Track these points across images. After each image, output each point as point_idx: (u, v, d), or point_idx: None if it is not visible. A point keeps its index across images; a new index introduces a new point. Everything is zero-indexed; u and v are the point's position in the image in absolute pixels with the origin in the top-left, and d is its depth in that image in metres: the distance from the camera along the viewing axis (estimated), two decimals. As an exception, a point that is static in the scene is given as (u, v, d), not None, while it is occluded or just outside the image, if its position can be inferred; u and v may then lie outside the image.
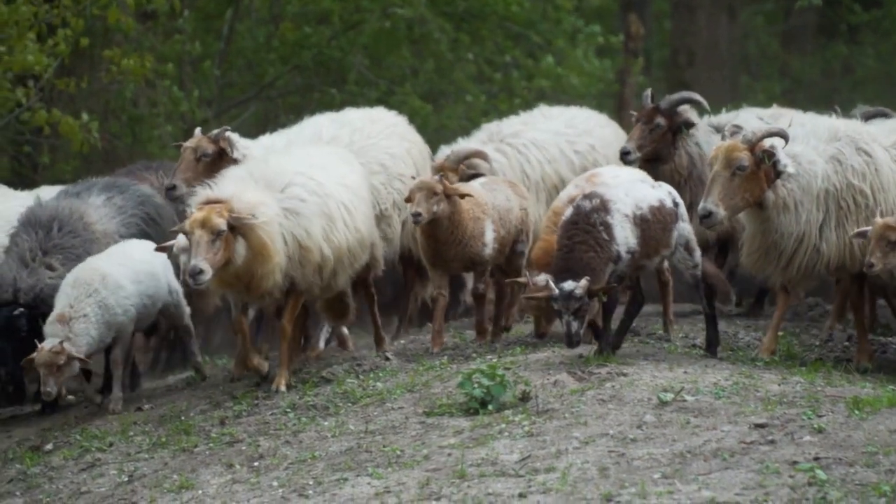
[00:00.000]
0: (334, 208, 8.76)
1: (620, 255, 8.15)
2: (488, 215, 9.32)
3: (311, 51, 18.39)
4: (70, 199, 9.84)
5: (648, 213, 8.28)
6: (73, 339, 8.61)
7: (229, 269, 8.27)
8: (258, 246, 8.28)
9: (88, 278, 8.81)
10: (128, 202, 10.03)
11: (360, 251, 9.08)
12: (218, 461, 7.63)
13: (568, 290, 7.86)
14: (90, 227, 9.63)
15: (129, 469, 7.81)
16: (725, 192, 8.31)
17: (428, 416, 7.72)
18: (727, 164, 8.35)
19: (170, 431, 8.40)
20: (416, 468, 6.92)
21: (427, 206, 8.97)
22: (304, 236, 8.54)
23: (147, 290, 9.16)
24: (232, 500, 6.96)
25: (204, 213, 8.17)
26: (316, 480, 6.98)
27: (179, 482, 7.35)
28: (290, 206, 8.55)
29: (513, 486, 6.52)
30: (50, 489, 7.80)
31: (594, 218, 8.10)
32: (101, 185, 10.15)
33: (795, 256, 8.56)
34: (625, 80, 22.06)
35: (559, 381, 7.81)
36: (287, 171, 8.72)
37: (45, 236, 9.40)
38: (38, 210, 9.63)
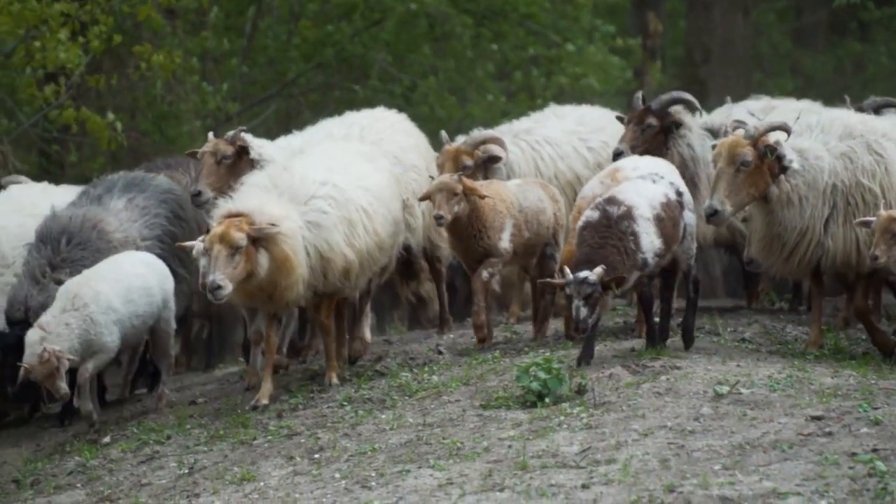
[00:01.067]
0: (354, 213, 8.77)
1: (647, 262, 8.15)
2: (510, 213, 9.33)
3: (334, 48, 18.46)
4: (86, 207, 9.73)
5: (662, 212, 8.29)
6: (49, 337, 8.51)
7: (252, 281, 8.28)
8: (281, 258, 8.29)
9: (82, 293, 8.70)
10: (150, 201, 9.94)
11: (379, 255, 9.04)
12: (278, 453, 7.71)
13: (581, 277, 7.89)
14: (107, 236, 9.53)
15: (189, 461, 7.89)
16: (731, 189, 8.35)
17: (485, 408, 7.81)
18: (731, 160, 8.39)
19: (227, 424, 8.48)
20: (478, 460, 7.00)
21: (448, 208, 9.00)
22: (326, 248, 8.55)
23: (138, 310, 8.96)
24: (295, 491, 7.03)
25: (223, 227, 8.16)
26: (378, 472, 7.06)
27: (241, 474, 7.43)
28: (313, 219, 8.56)
29: (575, 478, 6.60)
30: (111, 481, 7.87)
31: (624, 226, 8.10)
32: (123, 184, 10.05)
33: (797, 250, 8.59)
34: (643, 78, 22.17)
35: (614, 375, 7.90)
36: (310, 180, 8.69)
37: (54, 251, 9.34)
38: (51, 222, 9.54)
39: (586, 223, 8.19)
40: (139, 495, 7.46)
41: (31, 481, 8.25)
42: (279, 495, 7.03)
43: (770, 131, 8.46)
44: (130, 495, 7.50)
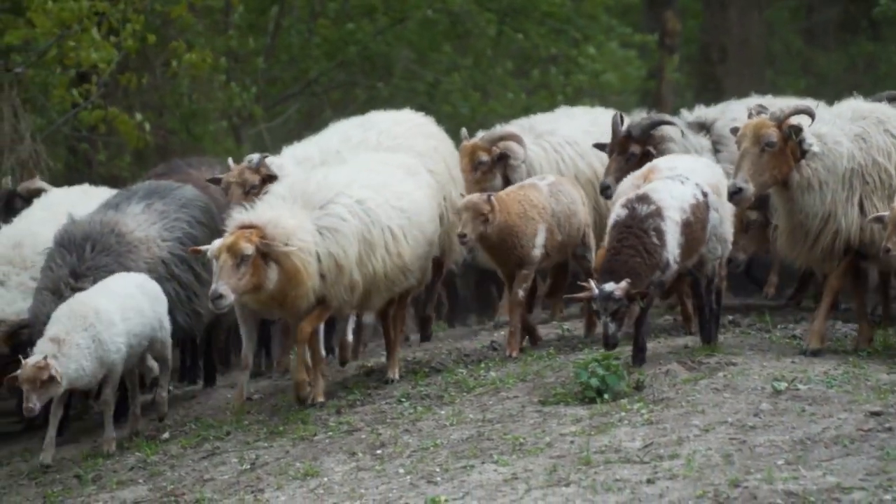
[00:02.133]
0: (377, 235, 8.64)
1: (669, 263, 8.16)
2: (543, 219, 9.27)
3: (357, 46, 18.54)
4: (104, 213, 9.67)
5: (691, 215, 8.30)
6: (61, 359, 8.29)
7: (261, 293, 8.26)
8: (291, 271, 8.25)
9: (83, 312, 8.53)
10: (170, 206, 9.90)
11: (402, 277, 8.89)
12: (339, 449, 7.79)
13: (607, 292, 7.87)
14: (125, 238, 9.48)
15: (251, 457, 7.96)
16: (755, 169, 8.32)
17: (543, 404, 7.89)
18: (756, 140, 8.37)
19: (286, 420, 8.55)
20: (541, 455, 7.08)
21: (473, 227, 8.93)
22: (342, 255, 8.46)
23: (134, 328, 8.78)
24: (360, 487, 7.11)
25: (232, 238, 8.15)
26: (442, 468, 7.14)
27: (304, 469, 7.51)
28: (329, 224, 8.46)
29: (639, 473, 6.68)
30: (173, 476, 7.95)
31: (648, 223, 8.10)
32: (143, 192, 10.01)
33: (821, 237, 8.57)
34: (661, 77, 22.27)
35: (671, 371, 7.98)
36: (330, 187, 8.59)
37: (77, 259, 9.23)
38: (72, 229, 9.46)
39: (615, 222, 8.22)
40: (203, 490, 7.53)
41: (92, 477, 8.32)
42: (344, 490, 7.11)
43: (795, 114, 8.46)
44: (194, 490, 7.57)
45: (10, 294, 9.63)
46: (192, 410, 9.58)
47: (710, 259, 8.60)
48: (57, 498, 8.01)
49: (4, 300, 9.57)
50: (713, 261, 8.63)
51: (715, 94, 18.08)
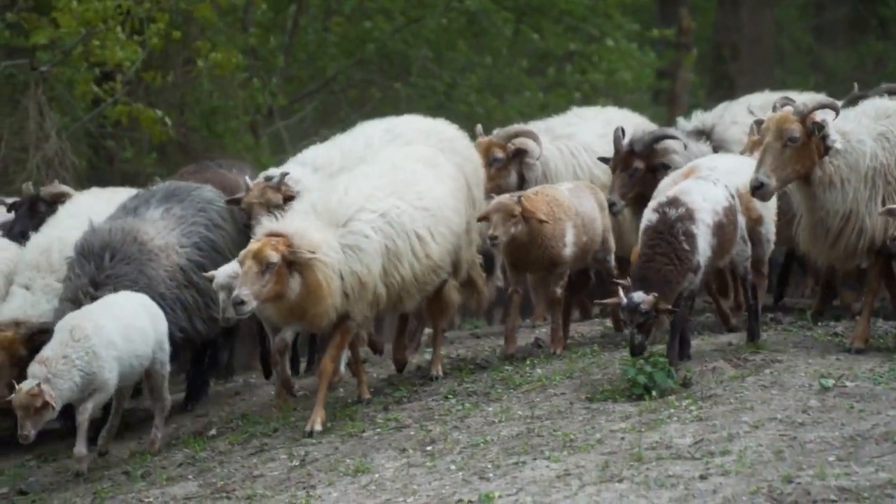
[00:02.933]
0: (402, 244, 8.56)
1: (700, 266, 8.15)
2: (570, 218, 9.26)
3: (374, 44, 18.58)
4: (124, 220, 9.58)
5: (724, 217, 8.30)
6: (53, 380, 8.17)
7: (283, 303, 8.19)
8: (313, 285, 8.17)
9: (82, 325, 8.39)
10: (188, 210, 9.79)
11: (433, 276, 8.82)
12: (388, 446, 7.83)
13: (634, 304, 7.86)
14: (146, 246, 9.39)
15: (300, 453, 8.00)
16: (777, 164, 8.30)
17: (591, 401, 7.94)
18: (779, 135, 8.34)
19: (334, 417, 8.59)
20: (592, 452, 7.13)
21: (504, 229, 8.89)
22: (365, 273, 8.37)
23: (137, 349, 8.64)
24: (412, 483, 7.15)
25: (259, 244, 8.10)
26: (493, 464, 7.19)
27: (354, 466, 7.55)
28: (352, 243, 8.37)
29: (691, 469, 6.74)
30: (222, 473, 7.99)
31: (678, 227, 8.08)
32: (161, 195, 9.90)
33: (842, 235, 8.54)
34: (675, 75, 22.34)
35: (717, 368, 8.03)
36: (352, 202, 8.48)
37: (96, 268, 9.16)
38: (91, 237, 9.37)
39: (646, 226, 8.20)
40: (254, 486, 7.57)
41: (141, 473, 8.37)
42: (396, 486, 7.15)
43: (819, 108, 8.44)
44: (245, 486, 7.61)
45: (35, 297, 9.61)
46: (236, 407, 9.64)
47: (740, 261, 8.63)
48: (107, 494, 8.06)
49: (28, 302, 9.56)
50: (743, 262, 8.65)
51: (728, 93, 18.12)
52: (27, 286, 9.66)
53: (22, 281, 9.69)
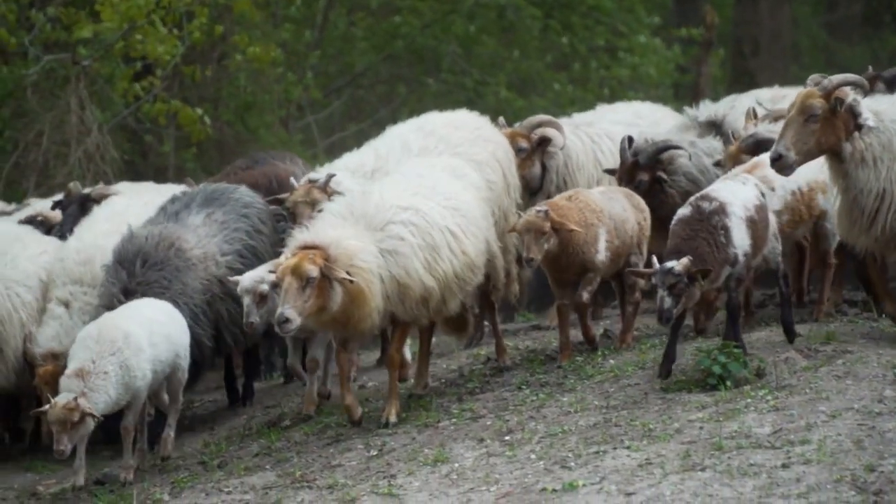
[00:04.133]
0: (438, 237, 8.51)
1: (738, 258, 8.21)
2: (602, 222, 9.17)
3: (404, 40, 18.68)
4: (163, 225, 9.45)
5: (755, 214, 8.36)
6: (88, 394, 8.06)
7: (325, 314, 8.10)
8: (355, 292, 8.09)
9: (112, 336, 8.26)
10: (229, 216, 9.65)
11: (471, 275, 8.76)
12: (466, 436, 7.91)
13: (668, 267, 7.92)
14: (184, 254, 9.27)
15: (377, 443, 8.08)
16: (798, 137, 8.34)
17: (666, 391, 8.02)
18: (801, 109, 8.40)
19: (407, 408, 8.66)
20: (671, 441, 7.20)
21: (538, 248, 8.78)
22: (403, 275, 8.30)
23: (160, 355, 8.55)
24: (493, 472, 7.23)
25: (296, 259, 7.96)
26: (574, 453, 7.26)
27: (433, 456, 7.63)
28: (390, 247, 8.31)
29: (772, 458, 6.81)
30: (300, 462, 8.07)
31: (715, 220, 8.13)
32: (202, 199, 9.75)
33: (878, 217, 8.53)
34: (700, 70, 22.36)
35: (790, 359, 8.11)
36: (387, 206, 8.44)
37: (129, 274, 9.06)
38: (128, 243, 9.27)
39: (678, 219, 8.24)
40: (334, 476, 7.64)
41: (217, 463, 8.45)
42: (478, 476, 7.23)
43: (844, 85, 8.45)
44: (324, 476, 7.68)
45: (72, 320, 9.38)
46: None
47: (772, 258, 8.66)
48: (186, 483, 8.14)
49: (64, 328, 9.35)
50: (776, 258, 8.67)
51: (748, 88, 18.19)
52: (67, 303, 9.47)
53: (62, 296, 9.50)
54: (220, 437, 9.08)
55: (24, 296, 9.59)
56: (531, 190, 10.97)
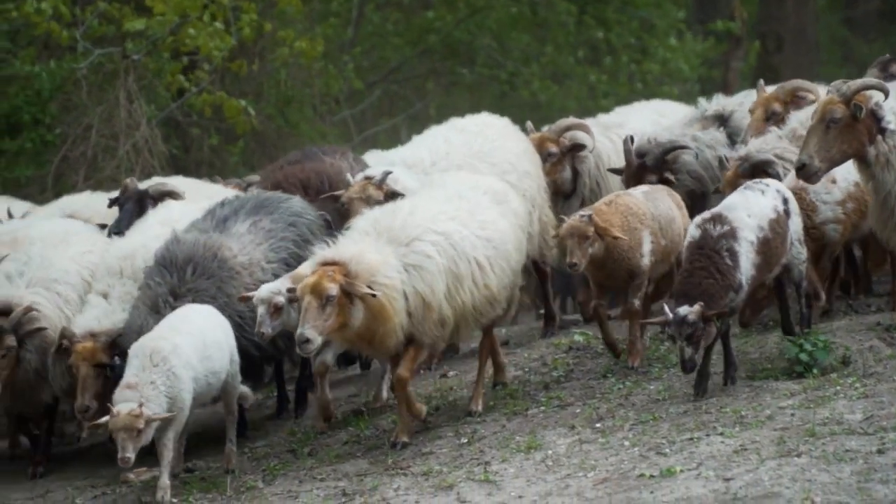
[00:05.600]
0: (464, 267, 8.28)
1: (742, 285, 8.02)
2: (646, 225, 9.01)
3: (438, 34, 18.78)
4: (208, 233, 9.26)
5: (769, 232, 8.22)
6: (145, 404, 7.86)
7: (347, 331, 7.92)
8: (376, 309, 7.89)
9: (160, 346, 8.10)
10: (277, 224, 9.44)
11: (490, 308, 8.52)
12: (556, 423, 8.01)
13: (681, 316, 7.75)
14: (227, 263, 9.08)
15: (467, 431, 8.18)
16: (820, 144, 8.37)
17: (752, 379, 8.12)
18: (822, 116, 8.43)
19: (495, 396, 8.75)
20: (764, 428, 7.30)
21: (581, 253, 8.64)
22: (428, 293, 8.09)
23: (213, 366, 8.37)
24: (588, 459, 7.32)
25: (315, 277, 7.76)
26: (667, 440, 7.36)
27: (526, 443, 7.73)
28: (415, 262, 8.09)
29: (867, 444, 6.90)
30: (391, 450, 8.17)
31: (721, 244, 7.97)
32: (250, 206, 9.54)
33: None
34: (729, 65, 22.53)
35: (874, 347, 8.22)
36: (417, 223, 8.24)
37: (178, 280, 8.91)
38: (175, 248, 9.09)
39: (689, 242, 8.14)
40: (428, 463, 7.75)
41: (307, 451, 8.55)
42: (573, 462, 7.32)
43: (864, 90, 8.48)
44: (418, 463, 7.78)
45: (111, 306, 9.22)
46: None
47: (795, 265, 8.52)
48: (278, 471, 8.24)
49: (103, 311, 9.18)
50: (800, 265, 8.54)
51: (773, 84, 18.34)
52: (105, 293, 9.32)
53: (100, 288, 9.36)
54: (306, 425, 9.13)
55: (68, 293, 9.53)
56: (563, 194, 10.96)
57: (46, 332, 9.19)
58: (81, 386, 8.75)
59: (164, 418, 7.89)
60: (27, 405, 9.50)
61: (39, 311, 9.23)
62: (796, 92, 10.29)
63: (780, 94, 10.29)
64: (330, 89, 16.61)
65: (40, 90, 14.56)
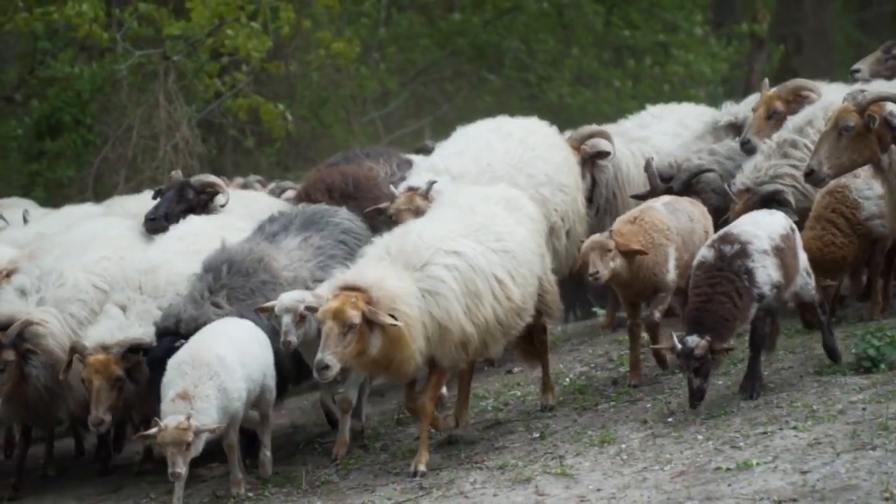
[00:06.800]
0: (482, 285, 8.13)
1: (764, 294, 7.98)
2: (671, 241, 8.96)
3: (466, 37, 18.89)
4: (255, 243, 9.24)
5: (782, 242, 8.20)
6: (196, 416, 7.83)
7: (364, 357, 7.80)
8: (395, 336, 7.77)
9: (207, 359, 8.05)
10: (327, 241, 9.35)
11: (516, 319, 8.39)
12: (627, 418, 8.11)
13: (688, 349, 7.76)
14: (273, 271, 9.01)
15: (538, 426, 8.29)
16: (831, 152, 8.46)
17: (820, 374, 8.22)
18: (835, 123, 8.51)
19: (563, 392, 8.85)
20: (836, 422, 7.39)
21: (603, 264, 8.60)
22: (445, 317, 7.96)
23: (252, 374, 8.34)
24: (663, 452, 7.42)
25: (338, 303, 7.64)
26: (741, 434, 7.46)
27: (599, 437, 7.84)
28: (430, 287, 7.95)
29: (944, 437, 7.01)
30: (462, 445, 8.29)
31: (737, 265, 7.94)
32: (301, 221, 9.48)
33: None
34: (752, 67, 22.62)
35: (941, 342, 8.32)
36: (427, 245, 8.07)
37: (214, 278, 8.87)
38: (218, 255, 9.04)
39: (699, 263, 8.11)
40: (502, 456, 7.85)
41: (379, 446, 8.65)
42: (648, 455, 7.43)
43: (879, 101, 8.52)
44: (491, 457, 7.89)
45: (128, 320, 9.05)
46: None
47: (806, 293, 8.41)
48: (352, 465, 8.34)
49: (117, 324, 8.99)
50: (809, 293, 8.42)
51: (793, 86, 18.48)
52: (124, 306, 9.14)
53: (119, 299, 9.18)
54: (374, 421, 9.20)
55: (79, 313, 9.37)
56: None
57: (52, 348, 9.03)
58: (95, 399, 8.65)
59: (212, 430, 7.85)
60: (41, 420, 9.41)
61: (45, 326, 9.05)
62: (799, 91, 10.38)
63: (783, 92, 10.37)
64: (363, 90, 16.73)
65: (81, 91, 14.64)
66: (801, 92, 10.41)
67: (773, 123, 10.22)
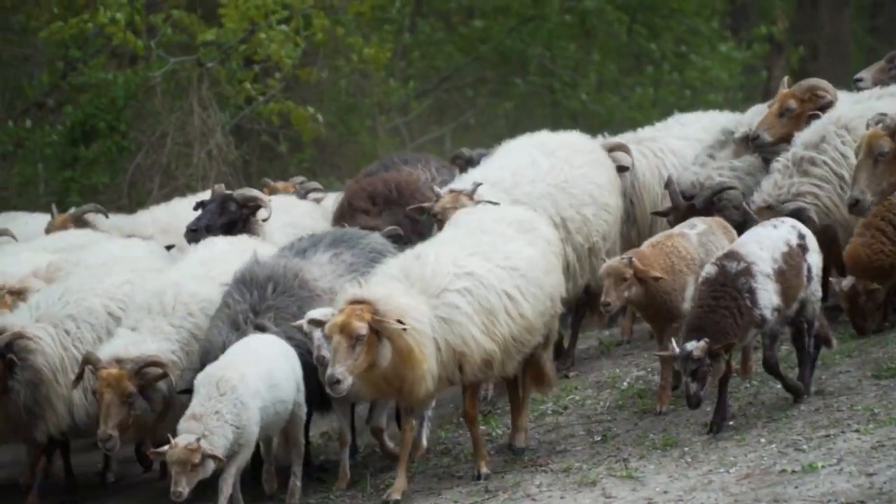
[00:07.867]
0: (495, 301, 8.11)
1: (765, 318, 7.97)
2: (692, 270, 8.77)
3: (490, 43, 18.99)
4: (288, 258, 9.09)
5: (783, 264, 8.09)
6: (209, 437, 7.66)
7: (375, 372, 7.77)
8: (404, 350, 7.73)
9: (227, 376, 7.88)
10: (359, 258, 9.19)
11: (529, 337, 8.35)
12: (687, 421, 8.20)
13: (687, 352, 7.75)
14: (308, 285, 8.86)
15: (599, 430, 8.38)
16: (870, 179, 8.62)
17: (878, 378, 8.30)
18: (869, 151, 8.63)
19: (622, 396, 8.94)
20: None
21: (617, 294, 8.54)
22: (460, 343, 7.94)
23: (280, 395, 8.15)
24: (727, 455, 7.50)
25: (343, 316, 7.65)
26: (804, 437, 7.54)
27: (661, 440, 7.93)
28: (445, 315, 7.93)
29: None
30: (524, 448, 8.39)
31: (741, 283, 7.91)
32: (329, 239, 9.35)
33: None
34: (771, 72, 22.74)
35: None
36: (443, 271, 8.05)
37: (259, 297, 8.70)
38: (255, 268, 8.89)
39: (704, 278, 8.05)
40: (566, 460, 7.93)
41: (441, 449, 8.76)
42: (712, 458, 7.51)
43: None
44: (555, 460, 7.97)
45: (141, 336, 8.90)
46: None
47: (811, 301, 8.32)
48: (417, 468, 8.43)
49: (131, 340, 8.81)
50: (814, 303, 8.34)
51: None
52: (133, 328, 8.97)
53: (129, 323, 9.03)
54: (433, 425, 9.27)
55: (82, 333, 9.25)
56: None
57: (40, 366, 8.90)
58: (105, 414, 8.43)
59: (219, 458, 7.66)
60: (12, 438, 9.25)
61: (36, 342, 8.92)
62: (815, 91, 10.37)
63: (798, 91, 10.35)
64: (390, 97, 16.83)
65: (115, 98, 14.72)
66: (817, 91, 10.41)
67: (785, 121, 10.23)
